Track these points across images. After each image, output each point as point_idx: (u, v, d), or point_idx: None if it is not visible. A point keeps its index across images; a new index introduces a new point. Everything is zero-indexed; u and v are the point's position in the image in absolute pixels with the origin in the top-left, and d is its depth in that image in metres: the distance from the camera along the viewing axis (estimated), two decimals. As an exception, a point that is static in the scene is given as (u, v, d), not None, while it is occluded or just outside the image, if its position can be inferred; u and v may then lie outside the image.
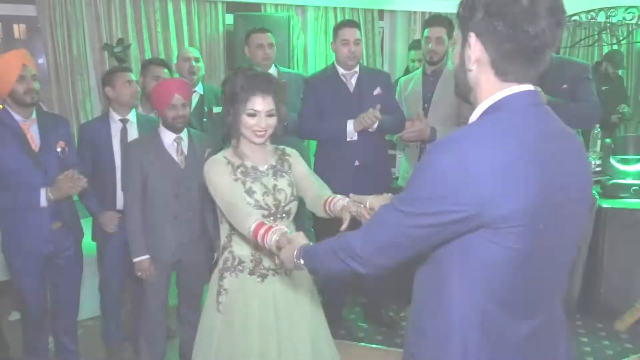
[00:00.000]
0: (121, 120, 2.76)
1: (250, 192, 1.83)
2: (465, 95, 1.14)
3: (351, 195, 1.73)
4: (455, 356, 1.10)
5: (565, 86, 2.61)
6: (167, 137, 2.51)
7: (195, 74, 3.30)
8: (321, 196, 1.86)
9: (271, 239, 1.55)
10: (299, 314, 1.92)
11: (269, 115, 1.83)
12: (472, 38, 1.05)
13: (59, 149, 2.48)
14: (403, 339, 3.06)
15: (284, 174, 1.92)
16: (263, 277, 1.90)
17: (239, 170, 1.85)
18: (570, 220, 1.09)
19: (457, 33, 1.12)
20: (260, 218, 1.67)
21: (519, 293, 1.09)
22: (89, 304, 3.25)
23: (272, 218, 1.85)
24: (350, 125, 2.89)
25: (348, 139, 2.92)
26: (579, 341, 2.98)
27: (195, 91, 3.25)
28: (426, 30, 2.97)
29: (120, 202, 2.73)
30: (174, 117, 2.45)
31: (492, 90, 1.06)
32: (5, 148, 2.36)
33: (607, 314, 3.18)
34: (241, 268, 1.90)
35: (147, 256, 2.48)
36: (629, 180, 3.35)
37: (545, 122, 1.07)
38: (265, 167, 1.91)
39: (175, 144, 2.52)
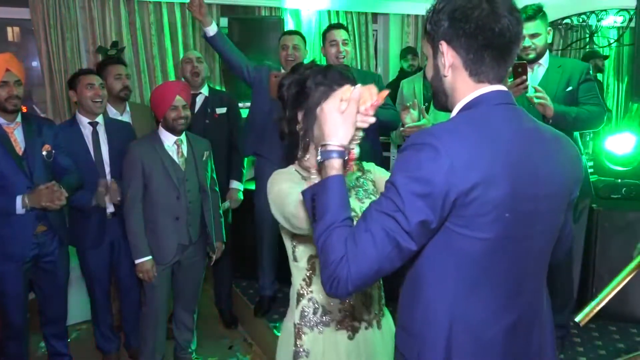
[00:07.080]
0: (90, 124, 2.68)
1: None
2: (443, 103, 1.20)
3: None
4: (439, 351, 1.12)
5: (570, 88, 2.59)
6: (168, 140, 2.54)
7: (199, 74, 3.22)
8: None
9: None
10: None
11: None
12: (444, 45, 1.12)
13: (44, 152, 2.45)
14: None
15: (370, 195, 1.56)
16: (354, 331, 1.51)
17: None
18: (544, 216, 1.13)
19: (427, 49, 1.20)
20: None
21: (496, 286, 1.12)
22: (82, 308, 3.23)
23: None
24: None
25: None
26: (572, 341, 3.00)
27: (200, 92, 3.23)
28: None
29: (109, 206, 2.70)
30: (175, 118, 2.48)
31: (467, 92, 1.14)
32: None
33: (599, 315, 3.17)
34: (326, 321, 1.49)
35: (149, 257, 2.50)
36: (620, 181, 3.37)
37: (519, 120, 1.13)
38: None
39: (176, 146, 2.56)
